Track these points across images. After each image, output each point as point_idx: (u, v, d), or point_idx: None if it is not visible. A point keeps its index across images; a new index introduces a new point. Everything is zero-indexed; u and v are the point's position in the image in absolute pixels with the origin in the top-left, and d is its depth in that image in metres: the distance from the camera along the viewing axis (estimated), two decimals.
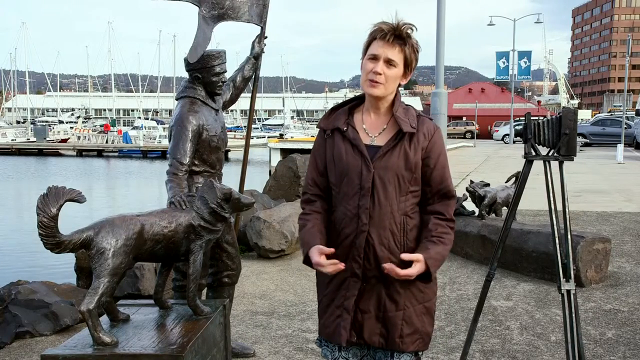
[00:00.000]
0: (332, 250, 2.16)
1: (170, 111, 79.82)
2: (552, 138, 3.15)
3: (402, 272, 2.08)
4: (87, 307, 2.33)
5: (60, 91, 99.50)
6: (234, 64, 4.20)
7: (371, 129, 2.24)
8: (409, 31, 2.14)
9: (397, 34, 2.12)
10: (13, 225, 15.86)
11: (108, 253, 2.38)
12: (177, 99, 3.68)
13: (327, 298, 2.27)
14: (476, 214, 6.83)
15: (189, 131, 3.46)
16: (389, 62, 2.13)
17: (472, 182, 6.87)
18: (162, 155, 41.95)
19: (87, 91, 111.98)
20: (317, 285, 2.35)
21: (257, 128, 60.72)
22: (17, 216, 17.77)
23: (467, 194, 6.87)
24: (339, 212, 2.22)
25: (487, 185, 6.84)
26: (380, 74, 2.13)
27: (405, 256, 2.10)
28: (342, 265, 2.12)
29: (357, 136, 2.20)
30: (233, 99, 4.07)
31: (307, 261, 2.20)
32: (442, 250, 2.15)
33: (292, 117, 69.47)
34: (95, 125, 65.79)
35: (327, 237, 2.23)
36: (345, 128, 2.22)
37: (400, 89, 2.28)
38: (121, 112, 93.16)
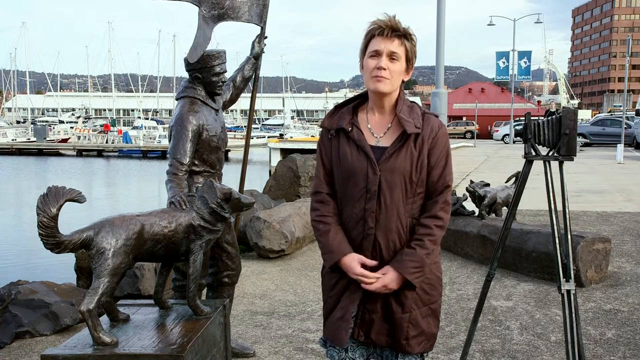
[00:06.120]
0: (375, 262, 2.13)
1: (170, 111, 79.89)
2: (552, 138, 3.15)
3: (372, 287, 2.10)
4: (87, 307, 2.33)
5: (60, 91, 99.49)
6: (234, 64, 4.21)
7: (376, 129, 2.19)
8: (403, 26, 2.13)
9: (394, 28, 2.11)
10: (13, 225, 15.86)
11: (108, 253, 2.38)
12: (177, 99, 3.68)
13: (333, 300, 2.24)
14: (476, 214, 6.83)
15: (189, 131, 3.46)
16: (391, 56, 2.10)
17: (472, 182, 6.87)
18: (162, 155, 41.95)
19: (87, 91, 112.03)
20: (323, 287, 2.32)
21: (257, 128, 60.70)
22: (17, 216, 17.76)
23: (467, 194, 6.86)
24: (344, 214, 2.19)
25: (487, 185, 6.84)
26: (385, 69, 2.09)
27: (373, 275, 2.11)
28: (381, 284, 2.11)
29: (362, 137, 2.15)
30: (233, 99, 4.07)
31: (335, 266, 2.16)
32: (419, 254, 2.10)
33: (292, 117, 69.45)
34: (95, 125, 65.74)
35: None
36: (349, 128, 2.17)
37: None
38: (121, 112, 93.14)
